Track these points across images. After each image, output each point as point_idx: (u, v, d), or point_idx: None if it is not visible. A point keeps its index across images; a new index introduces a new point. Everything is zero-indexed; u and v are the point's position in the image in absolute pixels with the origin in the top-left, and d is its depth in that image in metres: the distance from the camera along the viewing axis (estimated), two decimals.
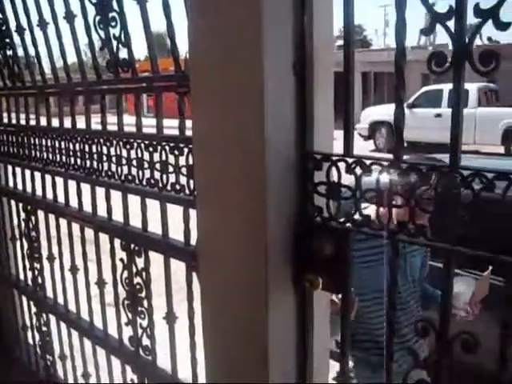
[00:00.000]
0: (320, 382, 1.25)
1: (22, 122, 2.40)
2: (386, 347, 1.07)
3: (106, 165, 1.79)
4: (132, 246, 1.72)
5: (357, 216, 1.03)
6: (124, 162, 1.69)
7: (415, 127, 15.24)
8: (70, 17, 1.82)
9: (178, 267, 1.56)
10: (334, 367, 1.20)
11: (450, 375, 1.05)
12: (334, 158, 1.05)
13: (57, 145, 2.09)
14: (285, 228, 1.10)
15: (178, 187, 1.46)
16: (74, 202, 2.07)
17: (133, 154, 1.63)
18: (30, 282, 2.58)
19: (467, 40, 0.88)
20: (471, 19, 0.91)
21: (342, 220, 1.05)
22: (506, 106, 14.92)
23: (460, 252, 0.92)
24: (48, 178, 2.23)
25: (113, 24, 1.58)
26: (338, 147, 1.07)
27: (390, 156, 0.98)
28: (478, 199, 0.89)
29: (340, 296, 1.16)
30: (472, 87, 15.62)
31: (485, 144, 14.61)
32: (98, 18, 1.61)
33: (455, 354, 0.98)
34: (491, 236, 0.91)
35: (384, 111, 15.18)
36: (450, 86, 0.93)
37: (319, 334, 1.22)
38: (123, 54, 1.61)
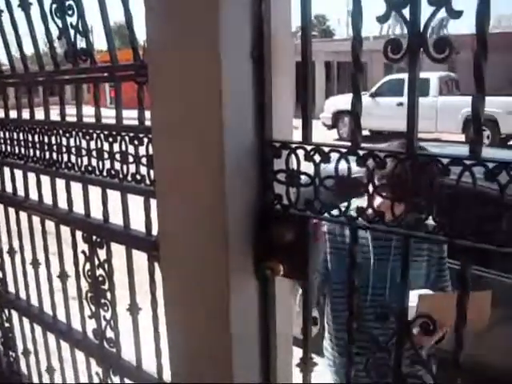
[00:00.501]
0: (284, 369, 1.26)
1: None
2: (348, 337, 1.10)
3: (65, 156, 1.76)
4: (94, 237, 1.70)
5: (316, 203, 1.04)
6: (84, 153, 1.66)
7: (378, 116, 15.41)
8: (25, 5, 1.78)
9: (142, 258, 1.55)
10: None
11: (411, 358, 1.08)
12: (293, 146, 1.06)
13: (15, 137, 2.04)
14: (245, 216, 1.11)
15: (138, 177, 1.45)
16: (33, 195, 2.04)
17: (92, 144, 1.61)
18: None
19: (422, 28, 0.89)
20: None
21: (301, 207, 1.06)
22: (467, 95, 15.20)
23: (416, 236, 0.94)
24: (7, 170, 2.18)
25: (70, 12, 1.55)
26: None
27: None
28: (435, 184, 0.92)
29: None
30: (433, 76, 15.85)
31: (446, 132, 14.86)
32: (54, 6, 1.58)
33: None
34: (447, 220, 0.92)
35: (347, 100, 15.14)
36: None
37: (282, 321, 1.23)
38: (83, 43, 1.58)
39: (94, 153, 1.61)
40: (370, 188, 0.99)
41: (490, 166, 0.85)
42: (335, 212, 1.04)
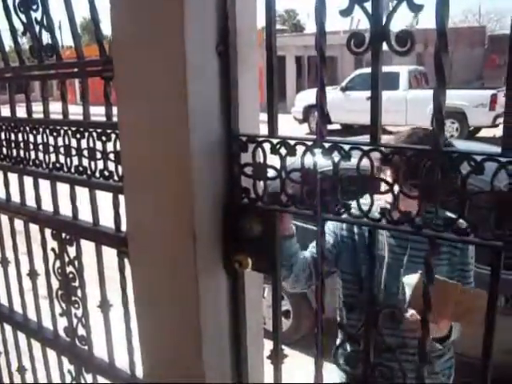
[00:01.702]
0: (255, 361, 1.27)
1: None
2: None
3: (33, 153, 1.74)
4: (63, 235, 1.69)
5: (283, 196, 1.05)
6: (51, 149, 1.65)
7: (348, 110, 15.53)
8: None
9: (111, 254, 1.55)
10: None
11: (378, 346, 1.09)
12: (260, 139, 1.06)
13: None
14: (213, 210, 1.11)
15: (106, 174, 1.44)
16: (1, 193, 2.01)
17: (60, 141, 1.60)
18: None
19: (384, 21, 0.91)
20: None
21: (268, 200, 1.07)
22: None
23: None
24: None
25: (34, 7, 1.53)
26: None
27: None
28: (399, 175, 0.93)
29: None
30: (403, 70, 16.04)
31: (416, 125, 15.00)
32: (18, 0, 1.56)
33: None
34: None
35: None
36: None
37: (253, 314, 1.24)
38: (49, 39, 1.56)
39: (62, 149, 1.60)
40: (396, 188, 0.94)
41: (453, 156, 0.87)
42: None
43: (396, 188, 0.94)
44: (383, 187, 0.96)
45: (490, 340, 0.90)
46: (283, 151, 1.02)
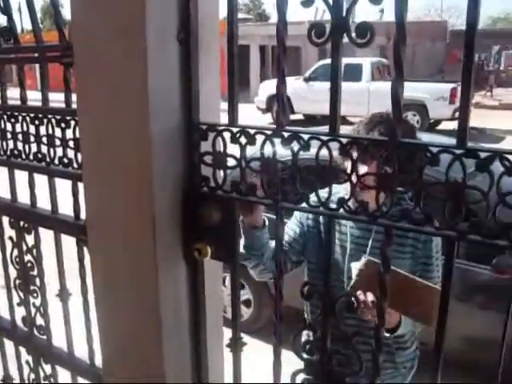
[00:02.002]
0: (214, 350, 1.28)
1: None
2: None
3: None
4: (21, 223, 1.67)
5: (243, 185, 1.05)
6: (9, 136, 1.62)
7: (312, 100, 15.61)
8: None
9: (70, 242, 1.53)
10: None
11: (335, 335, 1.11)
12: (220, 128, 1.06)
13: None
14: (172, 198, 1.11)
15: (65, 161, 1.43)
16: None
17: (18, 127, 1.57)
18: None
19: (345, 13, 0.91)
20: None
21: (228, 189, 1.07)
22: None
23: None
24: None
25: None
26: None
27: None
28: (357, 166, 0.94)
29: None
30: (366, 62, 16.19)
31: None
32: None
33: None
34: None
35: None
36: (344, 59, 0.97)
37: (212, 302, 1.24)
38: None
39: (20, 136, 1.57)
40: (354, 178, 0.95)
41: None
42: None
43: (354, 178, 0.95)
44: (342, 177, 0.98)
45: (442, 328, 0.93)
46: (243, 140, 1.03)
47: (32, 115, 1.51)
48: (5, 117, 1.61)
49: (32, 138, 1.53)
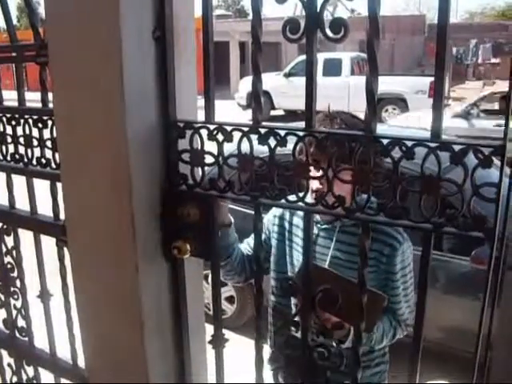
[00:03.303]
0: (197, 347, 1.28)
1: None
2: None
3: None
4: (0, 224, 1.65)
5: (220, 182, 1.05)
6: None
7: (292, 96, 15.61)
8: None
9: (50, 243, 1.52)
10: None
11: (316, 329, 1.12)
12: (197, 126, 1.06)
13: None
14: (151, 197, 1.11)
15: (43, 161, 1.41)
16: None
17: None
18: None
19: (318, 8, 0.92)
20: None
21: (206, 186, 1.07)
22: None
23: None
24: None
25: None
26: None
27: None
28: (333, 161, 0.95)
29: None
30: (345, 57, 16.23)
31: (358, 111, 15.26)
32: None
33: None
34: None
35: (261, 81, 15.41)
36: (324, 54, 0.97)
37: (193, 299, 1.25)
38: None
39: None
40: (330, 173, 0.96)
41: (385, 142, 0.89)
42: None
43: (330, 173, 0.95)
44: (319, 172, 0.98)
45: (420, 319, 0.94)
46: (220, 137, 1.03)
47: (8, 115, 1.49)
48: None
49: (9, 139, 1.52)
